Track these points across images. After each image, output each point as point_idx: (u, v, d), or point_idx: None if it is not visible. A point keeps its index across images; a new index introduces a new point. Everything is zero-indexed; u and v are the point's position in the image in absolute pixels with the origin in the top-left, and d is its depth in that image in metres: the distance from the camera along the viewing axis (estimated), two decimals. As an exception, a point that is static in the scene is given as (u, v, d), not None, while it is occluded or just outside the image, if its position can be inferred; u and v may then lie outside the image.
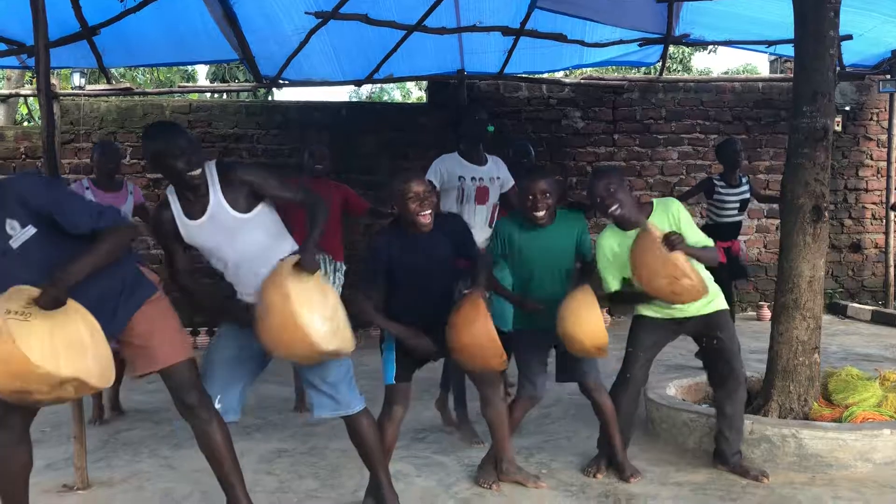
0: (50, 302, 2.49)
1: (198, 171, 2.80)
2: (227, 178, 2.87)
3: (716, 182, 5.92)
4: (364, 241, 7.34)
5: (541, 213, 3.48)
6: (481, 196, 4.48)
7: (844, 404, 4.00)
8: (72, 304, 2.57)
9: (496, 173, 4.57)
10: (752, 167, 8.77)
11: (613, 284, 3.57)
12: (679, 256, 3.25)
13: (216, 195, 2.86)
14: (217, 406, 2.94)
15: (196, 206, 2.87)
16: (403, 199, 3.15)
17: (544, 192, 3.46)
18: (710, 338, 3.62)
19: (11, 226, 2.62)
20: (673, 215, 3.51)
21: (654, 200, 3.61)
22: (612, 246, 3.53)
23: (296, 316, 2.65)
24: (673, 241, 3.24)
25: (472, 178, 4.47)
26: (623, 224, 3.49)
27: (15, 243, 2.62)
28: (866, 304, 8.79)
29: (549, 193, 3.47)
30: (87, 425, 4.07)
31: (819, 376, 4.10)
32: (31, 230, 2.63)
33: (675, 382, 4.62)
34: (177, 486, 3.66)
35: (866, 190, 9.14)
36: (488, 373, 3.36)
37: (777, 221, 8.48)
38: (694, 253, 3.35)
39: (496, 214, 4.58)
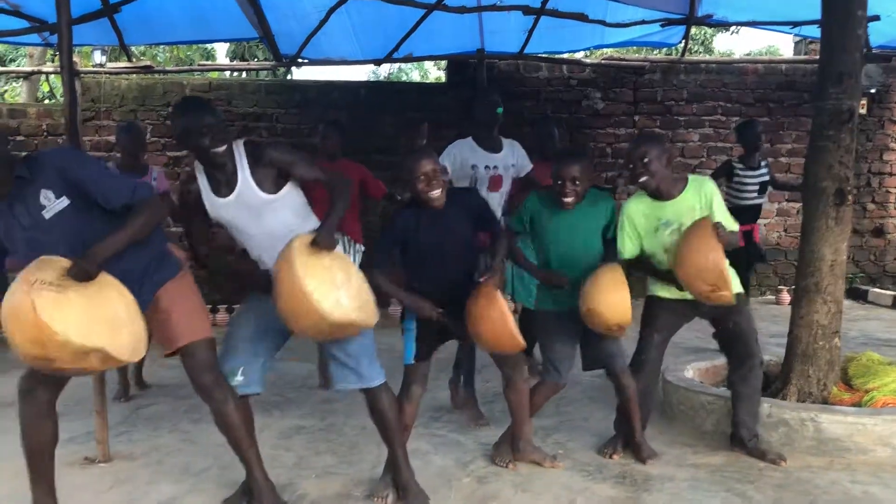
0: (80, 274, 2.53)
1: (222, 149, 2.81)
2: (255, 157, 2.88)
3: (735, 165, 5.87)
4: (380, 222, 7.35)
5: (569, 200, 3.41)
6: (494, 184, 4.42)
7: (864, 389, 3.97)
8: (108, 278, 2.62)
9: (511, 160, 4.51)
10: (774, 150, 8.69)
11: (630, 251, 3.52)
12: (725, 265, 3.22)
13: (244, 174, 2.87)
14: (240, 378, 2.97)
15: (224, 184, 2.89)
16: (413, 180, 3.16)
17: (574, 179, 3.38)
18: (727, 321, 3.60)
19: (46, 196, 2.68)
20: (706, 195, 3.47)
21: (690, 177, 3.56)
22: (637, 212, 3.49)
23: (302, 286, 2.65)
24: (721, 232, 3.22)
25: (486, 167, 4.41)
26: (655, 194, 3.46)
27: (47, 214, 2.68)
28: (888, 289, 8.70)
29: (578, 180, 3.38)
30: (110, 401, 4.15)
31: (839, 361, 4.08)
32: (64, 201, 2.69)
33: (693, 365, 4.60)
34: (196, 460, 3.70)
35: (890, 174, 9.02)
36: (511, 354, 3.36)
37: (798, 205, 8.48)
38: (729, 240, 3.32)
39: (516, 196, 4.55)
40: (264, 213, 2.91)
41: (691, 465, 3.56)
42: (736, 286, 3.58)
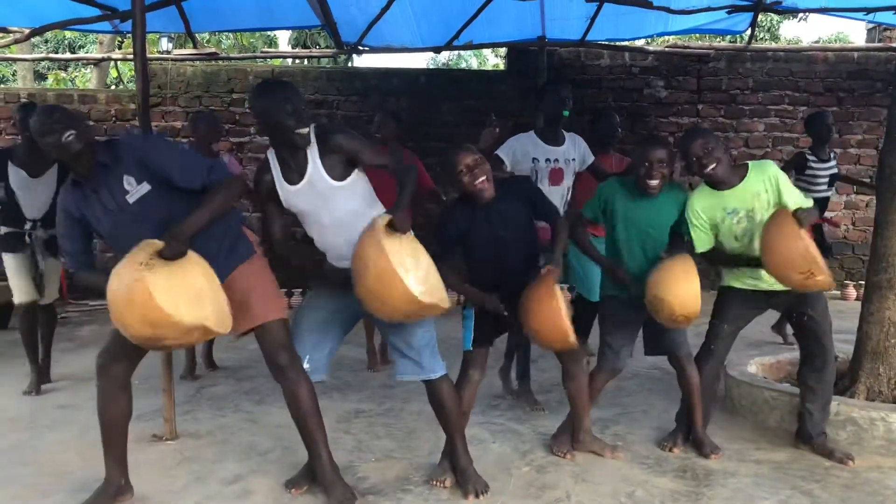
0: (174, 254, 2.63)
1: (306, 130, 2.84)
2: (325, 143, 2.90)
3: (808, 157, 5.72)
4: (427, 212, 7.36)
5: (655, 182, 3.37)
6: (555, 177, 4.39)
7: (937, 389, 3.85)
8: (190, 255, 2.71)
9: (573, 154, 4.47)
10: (843, 141, 8.43)
11: (703, 244, 3.47)
12: (814, 250, 3.14)
13: (314, 161, 2.90)
14: (306, 366, 3.02)
15: (295, 171, 2.92)
16: (455, 176, 3.16)
17: (661, 161, 3.36)
18: (801, 314, 3.51)
19: (129, 181, 2.79)
20: (770, 178, 3.39)
21: (750, 163, 3.48)
22: (704, 206, 3.44)
23: (393, 267, 2.66)
24: (801, 217, 3.15)
25: (547, 160, 4.38)
26: (718, 184, 3.41)
27: (131, 199, 2.79)
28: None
29: (665, 163, 3.37)
30: (176, 380, 4.27)
31: (911, 359, 3.95)
32: (146, 186, 2.80)
33: (757, 359, 4.52)
34: (260, 440, 3.78)
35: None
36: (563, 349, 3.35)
37: (867, 198, 8.23)
38: (810, 220, 3.23)
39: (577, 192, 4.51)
40: (333, 200, 2.93)
41: (754, 461, 3.50)
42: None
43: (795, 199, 3.37)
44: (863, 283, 4.08)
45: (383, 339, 5.12)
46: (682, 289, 3.23)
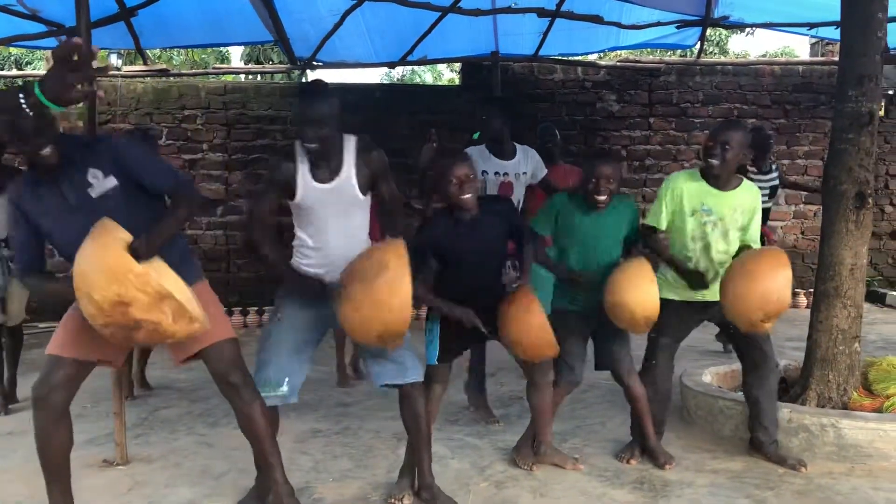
0: (140, 256, 2.52)
1: (314, 146, 2.85)
2: (363, 155, 2.95)
3: (748, 168, 5.83)
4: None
5: (602, 198, 3.42)
6: (504, 190, 4.42)
7: (885, 394, 3.93)
8: (157, 263, 2.63)
9: (524, 167, 4.51)
10: (790, 152, 8.63)
11: (660, 222, 3.53)
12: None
13: (349, 168, 2.93)
14: (285, 389, 2.97)
15: (327, 170, 2.93)
16: (444, 184, 3.15)
17: (608, 178, 3.40)
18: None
19: (94, 174, 2.68)
20: (752, 203, 3.53)
21: (745, 180, 3.58)
22: (686, 188, 3.49)
23: (407, 287, 2.68)
24: None
25: (496, 173, 4.43)
26: (713, 178, 3.46)
27: (94, 193, 2.67)
28: (906, 292, 8.63)
29: (613, 179, 3.42)
30: (128, 403, 4.17)
31: (859, 365, 4.03)
32: (112, 181, 2.69)
33: (711, 369, 4.57)
34: (214, 463, 3.71)
35: (908, 176, 8.95)
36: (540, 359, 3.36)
37: (815, 207, 8.41)
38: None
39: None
40: (349, 211, 2.98)
41: (710, 470, 3.54)
42: None
43: (755, 235, 3.51)
44: (812, 291, 4.16)
45: (354, 355, 5.10)
46: (641, 292, 3.28)
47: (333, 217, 2.97)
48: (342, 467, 3.65)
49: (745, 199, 3.50)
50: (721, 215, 3.46)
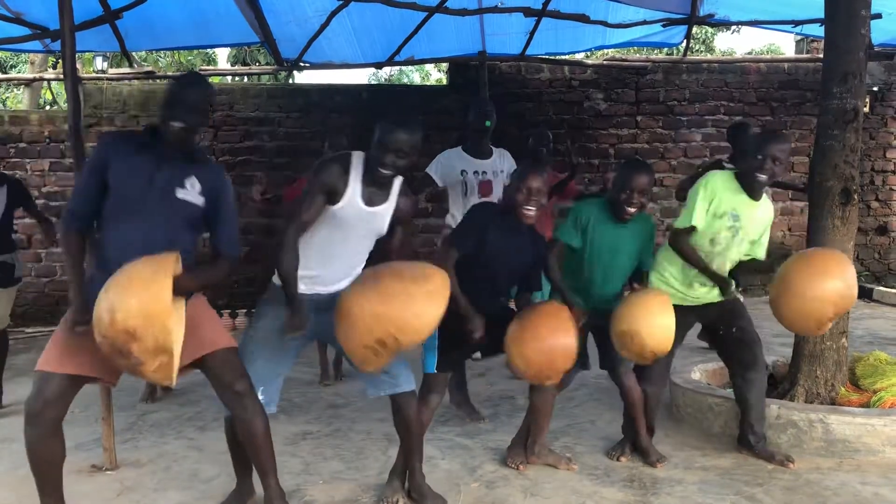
0: (181, 292, 2.59)
1: (388, 173, 2.87)
2: (401, 198, 3.01)
3: (725, 165, 5.81)
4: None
5: (633, 210, 3.35)
6: (485, 189, 4.46)
7: (872, 389, 3.96)
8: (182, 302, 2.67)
9: (500, 166, 4.55)
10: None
11: (697, 220, 3.43)
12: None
13: (390, 206, 2.99)
14: (261, 398, 2.94)
15: (376, 195, 2.95)
16: (515, 189, 3.18)
17: (643, 191, 3.32)
18: (730, 327, 3.60)
19: (192, 183, 2.74)
20: (768, 217, 3.57)
21: (766, 193, 3.58)
22: (727, 188, 3.46)
23: (436, 313, 2.70)
24: None
25: (475, 172, 4.48)
26: (748, 187, 3.45)
27: (180, 195, 2.72)
28: (892, 287, 8.68)
29: (647, 191, 3.34)
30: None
31: (846, 361, 4.06)
32: (200, 199, 2.76)
33: (701, 367, 4.59)
34: (204, 467, 3.69)
35: (893, 172, 9.02)
36: None
37: (802, 204, 8.46)
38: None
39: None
40: (369, 239, 3.03)
41: (700, 467, 3.55)
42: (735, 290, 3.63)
43: (762, 251, 3.57)
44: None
45: (337, 354, 5.08)
46: (657, 325, 3.25)
47: (355, 238, 2.98)
48: (333, 469, 3.64)
49: (766, 212, 3.55)
50: (744, 224, 3.47)
